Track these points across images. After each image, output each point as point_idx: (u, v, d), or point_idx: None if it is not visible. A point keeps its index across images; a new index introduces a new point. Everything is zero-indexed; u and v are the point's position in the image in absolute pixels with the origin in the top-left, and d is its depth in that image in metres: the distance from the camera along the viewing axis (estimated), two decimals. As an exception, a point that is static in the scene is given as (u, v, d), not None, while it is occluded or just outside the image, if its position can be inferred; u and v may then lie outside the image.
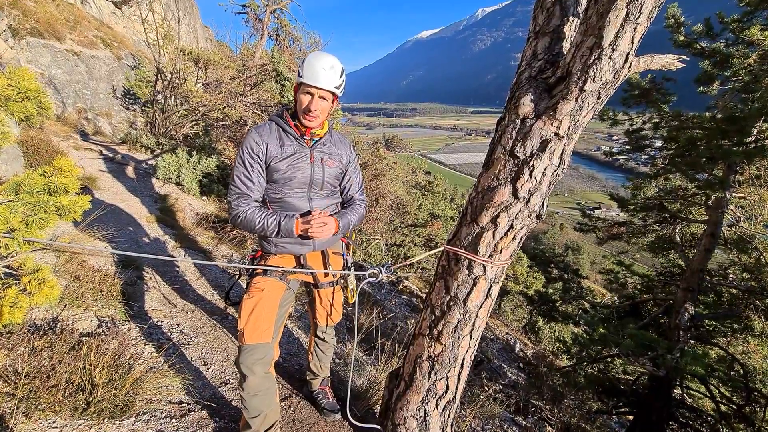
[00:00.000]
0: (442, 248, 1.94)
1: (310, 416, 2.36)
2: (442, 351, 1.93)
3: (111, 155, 6.91)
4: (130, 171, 6.50)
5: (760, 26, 4.89)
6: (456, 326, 1.88)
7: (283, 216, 1.77)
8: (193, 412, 2.13)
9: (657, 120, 6.20)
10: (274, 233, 1.77)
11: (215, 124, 9.03)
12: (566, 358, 9.47)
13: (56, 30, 9.46)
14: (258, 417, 1.79)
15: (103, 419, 1.84)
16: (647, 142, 6.77)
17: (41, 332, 1.98)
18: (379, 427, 2.17)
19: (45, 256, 2.70)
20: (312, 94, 1.73)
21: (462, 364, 1.98)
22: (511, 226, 1.69)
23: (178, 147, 7.03)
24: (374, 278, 1.94)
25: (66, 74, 9.15)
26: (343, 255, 2.14)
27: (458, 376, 2.00)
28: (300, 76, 1.72)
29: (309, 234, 1.76)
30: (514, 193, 1.63)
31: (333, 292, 2.14)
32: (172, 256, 4.16)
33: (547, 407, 5.44)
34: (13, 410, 1.65)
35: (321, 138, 1.90)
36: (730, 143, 4.89)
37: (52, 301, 1.57)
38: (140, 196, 5.59)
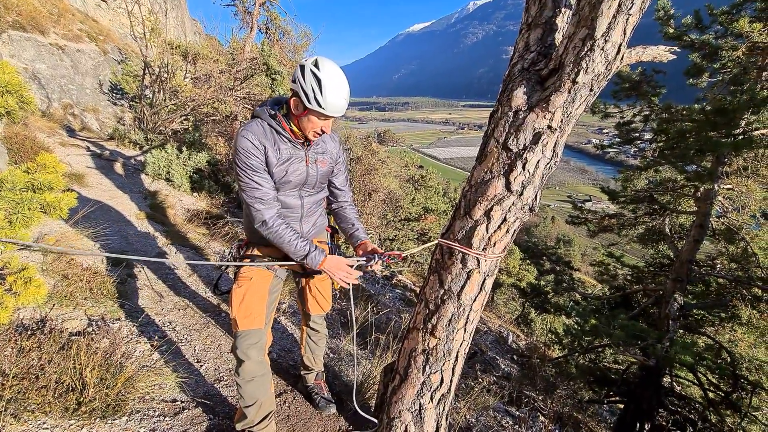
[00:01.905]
0: (435, 242, 1.94)
1: (306, 411, 2.36)
2: (436, 344, 1.93)
3: (99, 151, 6.78)
4: (118, 167, 6.40)
5: (749, 18, 4.93)
6: (450, 320, 1.88)
7: (314, 248, 1.77)
8: (186, 410, 2.11)
9: (647, 112, 6.25)
10: (298, 258, 1.77)
11: (205, 119, 8.91)
12: (558, 349, 9.59)
13: (39, 23, 9.22)
14: (254, 405, 1.81)
15: (95, 419, 1.81)
16: (637, 134, 6.83)
17: (29, 332, 1.94)
18: (375, 420, 2.17)
19: (32, 255, 2.65)
20: (328, 119, 1.70)
21: (456, 357, 1.99)
22: (505, 219, 1.69)
23: (168, 143, 6.92)
24: (366, 263, 1.93)
25: (50, 69, 8.94)
26: (328, 243, 2.18)
27: (453, 369, 2.00)
28: (320, 105, 1.61)
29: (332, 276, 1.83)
30: (508, 186, 1.63)
31: (321, 280, 2.17)
32: (162, 255, 4.11)
33: (540, 398, 5.51)
34: (1, 412, 1.62)
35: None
36: (718, 135, 4.94)
37: (39, 301, 1.54)
38: (129, 192, 5.51)
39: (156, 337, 2.68)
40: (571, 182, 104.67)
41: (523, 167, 1.59)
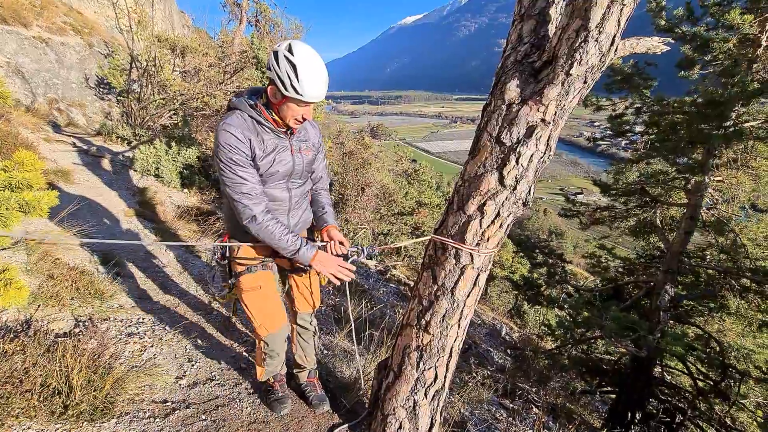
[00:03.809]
0: (428, 237, 1.92)
1: (299, 409, 2.34)
2: (430, 341, 1.92)
3: (85, 147, 6.64)
4: (106, 163, 6.28)
5: (740, 10, 4.93)
6: (444, 316, 1.87)
7: (304, 242, 1.75)
8: (177, 411, 2.08)
9: (639, 105, 6.25)
10: (288, 254, 1.75)
11: (195, 113, 8.76)
12: (551, 341, 9.68)
13: (21, 15, 8.96)
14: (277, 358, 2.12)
15: (83, 422, 1.78)
16: (629, 127, 6.84)
17: (12, 335, 1.89)
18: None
19: (15, 255, 2.57)
20: (308, 105, 1.64)
21: (450, 352, 1.97)
22: (498, 214, 1.67)
23: (156, 138, 6.80)
24: (356, 256, 1.95)
25: (34, 63, 8.71)
26: (312, 239, 2.19)
27: (447, 364, 1.99)
28: (297, 92, 1.55)
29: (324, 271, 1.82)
30: (501, 180, 1.60)
31: (309, 276, 2.16)
32: (151, 253, 4.04)
33: (534, 389, 5.57)
34: (-16, 417, 1.58)
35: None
36: (709, 127, 4.96)
37: (21, 303, 1.49)
38: (117, 189, 5.41)
39: (146, 337, 2.63)
40: (563, 175, 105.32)
41: (517, 161, 1.56)
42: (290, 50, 1.52)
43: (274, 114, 1.70)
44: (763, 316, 5.77)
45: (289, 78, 1.53)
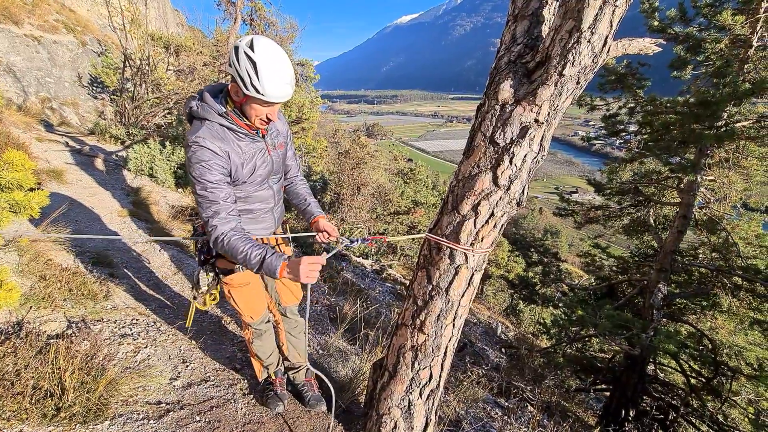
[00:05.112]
0: (423, 235, 1.92)
1: (295, 409, 2.34)
2: (425, 340, 1.92)
3: (78, 147, 6.58)
4: (99, 163, 6.22)
5: (732, 11, 4.98)
6: (438, 315, 1.87)
7: (270, 253, 1.54)
8: (172, 412, 2.07)
9: (632, 105, 6.30)
10: (255, 268, 1.57)
11: (189, 112, 8.71)
12: (546, 339, 9.74)
13: (13, 13, 8.87)
14: (272, 355, 2.24)
15: (75, 424, 1.76)
16: (623, 126, 6.88)
17: (4, 337, 1.87)
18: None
19: (6, 256, 2.55)
20: (272, 105, 1.57)
21: (445, 352, 1.98)
22: (492, 214, 1.68)
23: (150, 137, 6.75)
24: (350, 243, 2.02)
25: (26, 61, 8.63)
26: (283, 232, 2.24)
27: (441, 364, 2.00)
28: (258, 91, 1.47)
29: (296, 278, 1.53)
30: (495, 180, 1.61)
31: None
32: (143, 254, 4.01)
33: (529, 388, 5.59)
34: (-25, 420, 1.56)
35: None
36: (702, 127, 5.01)
37: (12, 304, 1.48)
38: (111, 189, 5.37)
39: (140, 338, 2.62)
40: (558, 174, 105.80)
41: (510, 161, 1.57)
42: (251, 46, 1.44)
43: (245, 118, 1.63)
44: (754, 314, 5.84)
45: (249, 76, 1.45)
